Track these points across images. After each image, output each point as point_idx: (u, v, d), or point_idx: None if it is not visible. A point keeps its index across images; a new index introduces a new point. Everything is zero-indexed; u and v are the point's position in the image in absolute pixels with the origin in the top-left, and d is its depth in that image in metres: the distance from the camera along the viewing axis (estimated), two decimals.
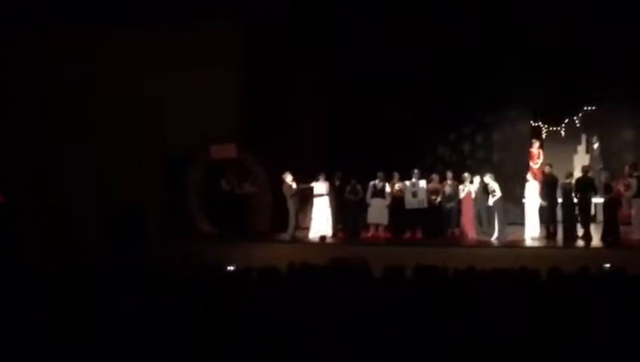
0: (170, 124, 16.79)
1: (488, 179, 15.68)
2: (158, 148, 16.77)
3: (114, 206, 15.14)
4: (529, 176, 16.27)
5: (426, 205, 16.32)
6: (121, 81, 16.71)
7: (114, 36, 16.65)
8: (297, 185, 16.63)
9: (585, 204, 15.23)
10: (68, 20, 16.19)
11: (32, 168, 16.41)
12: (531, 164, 17.36)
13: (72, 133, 16.67)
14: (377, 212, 16.75)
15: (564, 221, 15.63)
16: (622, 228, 15.06)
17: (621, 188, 15.11)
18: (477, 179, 16.01)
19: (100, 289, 7.36)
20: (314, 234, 16.77)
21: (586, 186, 15.20)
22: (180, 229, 16.65)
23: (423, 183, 16.36)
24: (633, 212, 15.16)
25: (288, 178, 16.56)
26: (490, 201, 15.50)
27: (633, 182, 14.93)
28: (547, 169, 16.07)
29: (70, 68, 16.78)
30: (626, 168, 15.53)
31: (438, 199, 16.42)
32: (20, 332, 5.70)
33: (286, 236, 16.66)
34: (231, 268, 9.22)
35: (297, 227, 17.00)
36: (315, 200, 16.94)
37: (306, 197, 17.26)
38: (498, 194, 15.42)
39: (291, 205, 16.64)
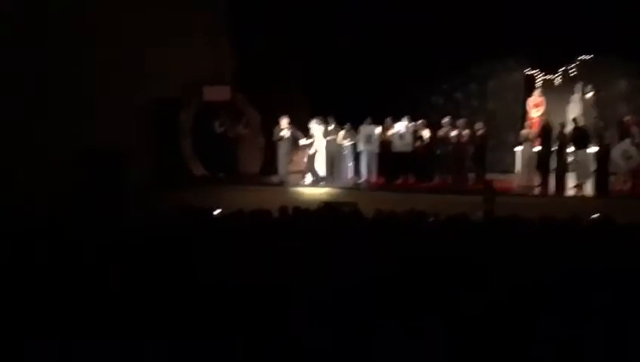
0: (159, 66, 16.28)
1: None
2: (145, 91, 16.30)
3: (91, 151, 14.12)
4: (525, 125, 16.33)
5: (411, 148, 16.28)
6: (104, 19, 15.13)
7: None
8: (291, 129, 16.57)
9: (578, 153, 15.27)
10: None
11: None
12: (532, 112, 17.24)
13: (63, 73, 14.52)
14: (369, 157, 16.77)
15: (557, 170, 15.66)
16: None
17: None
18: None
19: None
20: (307, 178, 16.77)
21: (579, 136, 15.22)
22: (171, 173, 16.53)
23: (409, 125, 16.30)
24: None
25: (284, 121, 16.53)
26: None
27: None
28: (544, 118, 16.03)
29: None
30: (627, 118, 15.48)
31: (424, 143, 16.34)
32: None
33: (276, 179, 16.66)
34: (217, 211, 9.11)
35: (288, 171, 16.98)
36: (309, 144, 16.90)
37: (295, 142, 17.10)
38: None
39: (282, 148, 16.65)
